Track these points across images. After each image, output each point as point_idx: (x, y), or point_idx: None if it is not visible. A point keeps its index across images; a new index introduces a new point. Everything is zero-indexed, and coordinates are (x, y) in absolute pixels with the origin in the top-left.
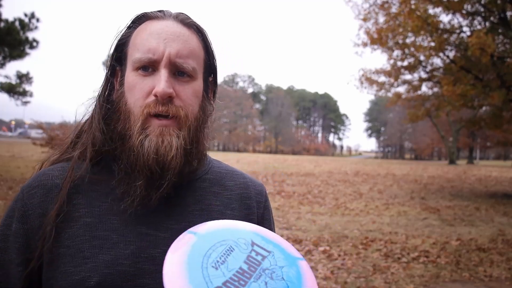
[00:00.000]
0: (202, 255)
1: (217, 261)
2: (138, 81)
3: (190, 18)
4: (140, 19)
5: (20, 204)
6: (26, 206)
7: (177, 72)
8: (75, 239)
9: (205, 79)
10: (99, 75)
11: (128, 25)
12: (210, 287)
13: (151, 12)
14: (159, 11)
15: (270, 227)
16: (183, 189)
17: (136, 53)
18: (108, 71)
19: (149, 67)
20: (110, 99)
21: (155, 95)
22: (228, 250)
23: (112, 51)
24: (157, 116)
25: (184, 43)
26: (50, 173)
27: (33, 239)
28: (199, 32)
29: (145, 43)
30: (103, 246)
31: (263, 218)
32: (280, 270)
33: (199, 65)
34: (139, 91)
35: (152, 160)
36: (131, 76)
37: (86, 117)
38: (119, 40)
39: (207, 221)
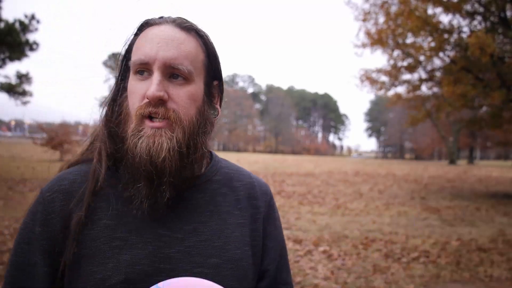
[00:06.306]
0: None
1: None
2: (136, 85)
3: (188, 22)
4: (143, 26)
5: (41, 207)
6: (48, 210)
7: (172, 75)
8: (96, 241)
9: (207, 83)
10: (98, 76)
11: (134, 32)
12: None
13: (152, 18)
14: (160, 17)
15: (275, 223)
16: (194, 192)
17: (132, 58)
18: (118, 76)
19: (144, 71)
20: (119, 104)
21: (147, 98)
22: None
23: (121, 57)
24: (150, 118)
25: (178, 46)
26: (69, 178)
27: (57, 242)
28: (199, 36)
29: (140, 47)
30: (123, 247)
31: (269, 216)
32: None
33: (198, 68)
34: (136, 94)
35: (145, 161)
36: (131, 81)
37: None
38: (128, 47)
39: (217, 221)
